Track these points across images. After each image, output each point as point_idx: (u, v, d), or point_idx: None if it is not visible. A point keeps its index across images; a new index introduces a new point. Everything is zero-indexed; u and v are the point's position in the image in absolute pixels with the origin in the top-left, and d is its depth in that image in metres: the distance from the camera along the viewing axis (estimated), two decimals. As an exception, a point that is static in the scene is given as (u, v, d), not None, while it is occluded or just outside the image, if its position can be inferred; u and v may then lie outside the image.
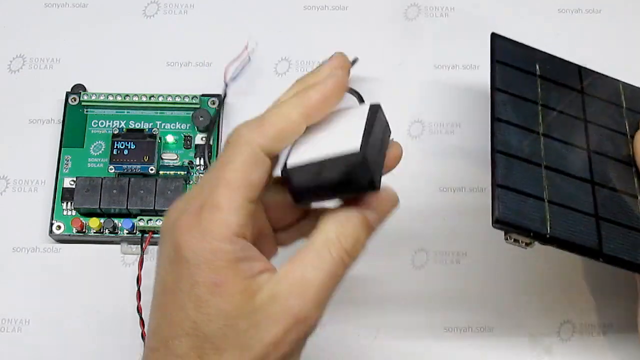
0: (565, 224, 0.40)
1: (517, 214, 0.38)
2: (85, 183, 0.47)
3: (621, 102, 0.47)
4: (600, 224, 0.40)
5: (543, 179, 0.41)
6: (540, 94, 0.45)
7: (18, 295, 0.48)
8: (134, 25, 0.54)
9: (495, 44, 0.46)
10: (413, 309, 0.47)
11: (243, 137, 0.34)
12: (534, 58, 0.47)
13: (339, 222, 0.33)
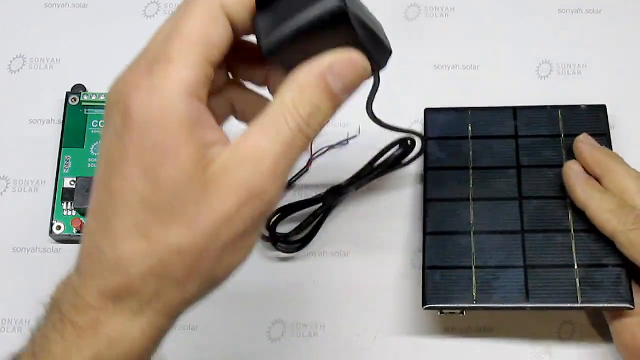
0: (491, 285, 0.43)
1: (444, 293, 0.42)
2: (85, 183, 0.47)
3: (559, 131, 0.48)
4: (528, 274, 0.43)
5: (472, 246, 0.44)
6: (472, 156, 0.47)
7: (18, 295, 0.48)
8: (134, 25, 0.54)
9: (427, 119, 0.49)
10: (413, 309, 0.47)
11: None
12: (466, 119, 0.49)
13: (297, 88, 0.30)
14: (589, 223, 0.43)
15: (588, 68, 0.54)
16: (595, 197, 0.43)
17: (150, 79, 0.29)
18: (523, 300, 0.42)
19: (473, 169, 0.47)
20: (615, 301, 0.41)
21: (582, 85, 0.53)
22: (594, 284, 0.42)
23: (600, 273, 0.42)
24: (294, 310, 0.47)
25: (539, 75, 0.54)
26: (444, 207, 0.45)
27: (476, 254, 0.43)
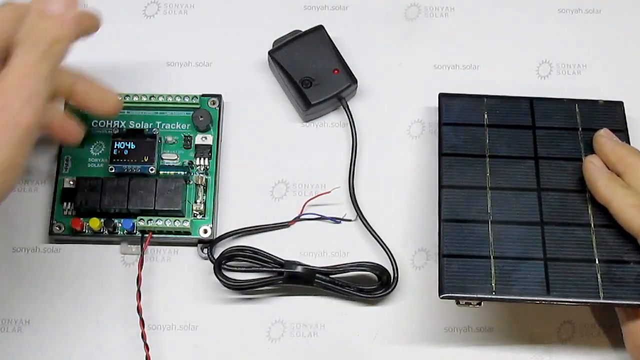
0: (510, 276, 0.41)
1: (462, 282, 0.41)
2: (85, 183, 0.47)
3: (577, 125, 0.48)
4: (548, 267, 0.42)
5: (489, 236, 0.42)
6: (488, 144, 0.46)
7: (18, 295, 0.48)
8: (134, 25, 0.54)
9: (442, 104, 0.48)
10: (413, 309, 0.47)
11: None
12: (482, 107, 0.48)
13: (38, 42, 0.34)
14: (610, 218, 0.42)
15: (588, 68, 0.54)
16: (619, 193, 0.42)
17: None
18: (544, 293, 0.41)
19: (490, 157, 0.46)
20: (638, 299, 0.40)
21: (582, 85, 0.53)
22: (616, 281, 0.41)
23: (622, 270, 0.41)
24: (294, 310, 0.47)
25: (539, 75, 0.54)
26: (460, 194, 0.44)
27: (494, 244, 0.42)
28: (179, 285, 0.48)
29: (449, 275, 0.41)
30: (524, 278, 0.41)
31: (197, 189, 0.49)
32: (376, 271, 0.47)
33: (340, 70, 0.51)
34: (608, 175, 0.43)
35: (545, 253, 0.42)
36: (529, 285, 0.41)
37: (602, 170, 0.44)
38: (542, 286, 0.41)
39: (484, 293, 0.41)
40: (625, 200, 0.42)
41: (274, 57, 0.52)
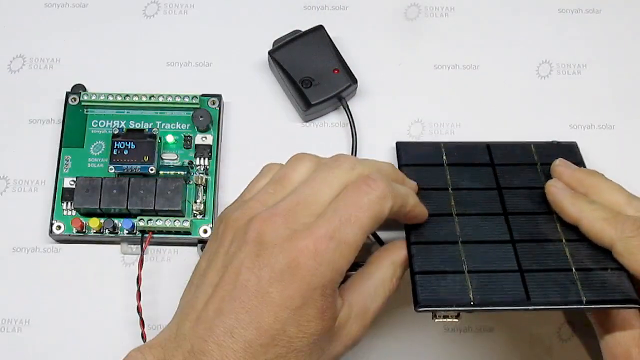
0: (488, 287, 0.41)
1: (438, 294, 0.40)
2: (85, 183, 0.47)
3: (535, 161, 0.48)
4: (525, 277, 0.41)
5: (461, 253, 0.42)
6: (450, 179, 0.46)
7: (18, 295, 0.48)
8: (134, 25, 0.54)
9: (400, 151, 0.48)
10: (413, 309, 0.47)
11: (384, 188, 0.37)
12: (440, 150, 0.48)
13: (395, 264, 0.40)
14: (580, 234, 0.42)
15: (588, 68, 0.54)
16: (587, 209, 0.42)
17: (327, 252, 0.35)
18: (524, 301, 0.40)
19: (453, 190, 0.46)
20: (622, 301, 0.40)
21: (582, 85, 0.53)
22: (597, 285, 0.41)
23: (601, 276, 0.41)
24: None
25: (539, 75, 0.54)
26: (427, 222, 0.44)
27: (467, 261, 0.42)
28: (179, 285, 0.48)
29: (423, 288, 0.40)
30: (502, 288, 0.41)
31: (197, 189, 0.49)
32: None
33: (340, 70, 0.51)
34: (572, 194, 0.43)
35: (520, 266, 0.42)
36: (508, 293, 0.40)
37: (566, 190, 0.44)
38: (522, 294, 0.40)
39: (462, 303, 0.40)
40: (593, 215, 0.41)
41: (274, 57, 0.52)
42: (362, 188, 0.37)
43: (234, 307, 0.34)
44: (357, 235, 0.36)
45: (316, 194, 0.37)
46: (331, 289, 0.35)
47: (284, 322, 0.34)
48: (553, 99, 0.53)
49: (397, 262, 0.40)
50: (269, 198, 0.38)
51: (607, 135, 0.52)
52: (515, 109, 0.53)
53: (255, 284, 0.34)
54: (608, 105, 0.53)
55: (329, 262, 0.35)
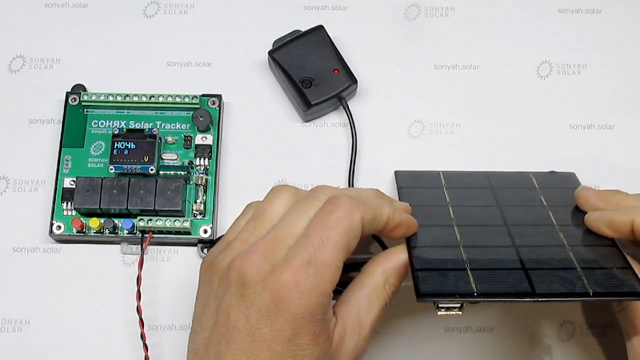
0: (492, 279, 0.40)
1: (440, 285, 0.39)
2: (85, 183, 0.47)
3: (534, 185, 0.48)
4: (529, 273, 0.41)
5: (462, 255, 0.41)
6: (449, 197, 0.46)
7: (18, 295, 0.48)
8: (134, 25, 0.54)
9: (398, 178, 0.48)
10: (413, 309, 0.47)
11: (349, 205, 0.37)
12: (438, 177, 0.48)
13: (386, 271, 0.39)
14: (586, 242, 0.42)
15: (588, 68, 0.54)
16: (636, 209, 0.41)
17: (307, 279, 0.35)
18: (529, 293, 0.39)
19: (452, 206, 0.45)
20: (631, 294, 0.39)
21: (582, 85, 0.53)
22: (603, 280, 0.40)
23: (607, 272, 0.40)
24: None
25: (539, 75, 0.54)
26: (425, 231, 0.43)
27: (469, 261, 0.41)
28: (179, 285, 0.48)
29: (425, 281, 0.40)
30: (506, 281, 0.40)
31: (197, 189, 0.49)
32: None
33: (340, 70, 0.51)
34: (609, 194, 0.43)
35: (524, 265, 0.41)
36: (512, 286, 0.40)
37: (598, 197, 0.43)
38: (526, 287, 0.40)
39: (465, 294, 0.39)
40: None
41: (274, 57, 0.52)
42: (326, 209, 0.37)
43: (230, 349, 0.35)
44: (334, 255, 0.36)
45: (292, 227, 0.37)
46: (321, 313, 0.35)
47: (280, 355, 0.34)
48: (553, 99, 0.53)
49: (389, 269, 0.39)
50: (249, 236, 0.38)
51: (607, 135, 0.52)
52: (515, 109, 0.53)
53: (245, 324, 0.35)
54: (608, 105, 0.53)
55: (311, 289, 0.35)
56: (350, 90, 0.51)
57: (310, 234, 0.36)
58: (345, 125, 0.52)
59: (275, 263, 0.35)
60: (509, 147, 0.52)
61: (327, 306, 0.36)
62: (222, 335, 0.35)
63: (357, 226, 0.37)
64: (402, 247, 0.40)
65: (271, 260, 0.36)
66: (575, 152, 0.51)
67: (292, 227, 0.37)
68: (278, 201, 0.39)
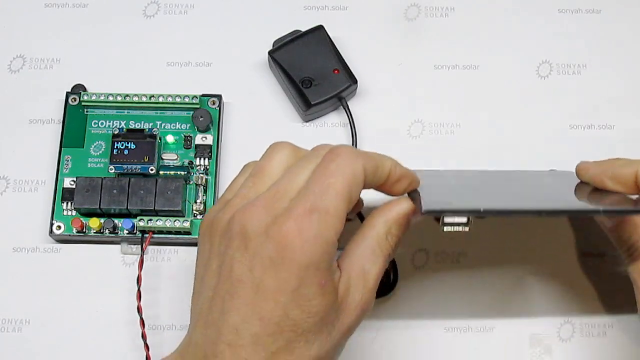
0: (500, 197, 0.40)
1: (445, 200, 0.38)
2: (85, 183, 0.47)
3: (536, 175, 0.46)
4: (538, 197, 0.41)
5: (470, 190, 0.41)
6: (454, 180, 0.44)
7: (18, 295, 0.48)
8: (134, 25, 0.54)
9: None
10: (413, 309, 0.47)
11: (350, 153, 0.36)
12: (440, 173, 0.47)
13: (388, 222, 0.38)
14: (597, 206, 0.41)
15: (588, 68, 0.54)
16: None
17: (311, 227, 0.34)
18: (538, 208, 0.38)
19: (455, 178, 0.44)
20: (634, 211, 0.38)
21: (582, 85, 0.53)
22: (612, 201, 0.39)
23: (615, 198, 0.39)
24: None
25: (539, 75, 0.54)
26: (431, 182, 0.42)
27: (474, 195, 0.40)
28: (179, 285, 0.48)
29: (429, 191, 0.39)
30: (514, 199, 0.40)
31: (197, 189, 0.49)
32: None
33: (340, 70, 0.51)
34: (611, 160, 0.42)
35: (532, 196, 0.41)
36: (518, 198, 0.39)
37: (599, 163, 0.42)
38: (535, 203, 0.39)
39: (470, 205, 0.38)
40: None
41: (274, 57, 0.52)
42: (327, 158, 0.36)
43: (234, 304, 0.34)
44: (336, 202, 0.35)
45: (293, 181, 0.36)
46: (325, 262, 0.35)
47: (285, 307, 0.34)
48: (553, 99, 0.53)
49: (390, 219, 0.38)
50: (248, 192, 0.38)
51: (607, 135, 0.52)
52: (515, 109, 0.53)
53: (249, 276, 0.34)
54: (608, 105, 0.53)
55: (315, 237, 0.34)
56: (350, 90, 0.51)
57: (312, 183, 0.36)
58: (345, 125, 0.52)
59: (277, 214, 0.35)
60: (509, 147, 0.52)
61: (332, 256, 0.35)
62: (225, 291, 0.35)
63: (359, 174, 0.36)
64: (403, 198, 0.39)
65: (273, 212, 0.35)
66: (576, 152, 0.51)
67: (293, 182, 0.36)
68: (277, 157, 0.38)
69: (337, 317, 0.36)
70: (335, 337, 0.36)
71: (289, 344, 0.34)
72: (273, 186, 0.37)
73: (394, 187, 0.39)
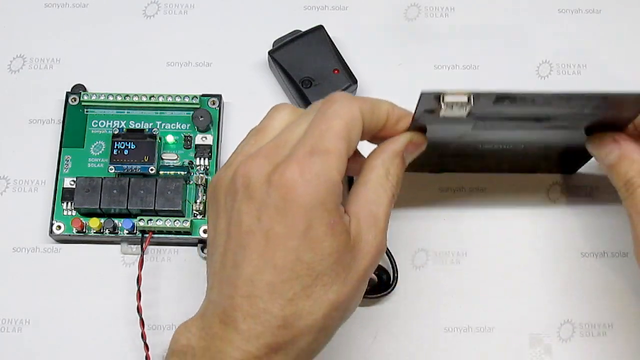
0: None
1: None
2: (85, 183, 0.47)
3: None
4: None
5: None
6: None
7: (18, 295, 0.48)
8: (134, 25, 0.54)
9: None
10: (413, 309, 0.47)
11: (346, 97, 0.36)
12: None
13: (385, 162, 0.38)
14: None
15: (588, 68, 0.54)
16: None
17: (312, 167, 0.34)
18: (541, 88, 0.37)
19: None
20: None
21: (582, 85, 0.53)
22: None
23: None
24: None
25: (539, 75, 0.54)
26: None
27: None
28: (179, 285, 0.48)
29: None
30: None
31: (197, 189, 0.49)
32: (376, 271, 0.47)
33: (340, 70, 0.51)
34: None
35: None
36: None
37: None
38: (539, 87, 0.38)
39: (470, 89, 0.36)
40: None
41: (274, 57, 0.52)
42: (324, 105, 0.37)
43: (246, 256, 0.34)
44: (336, 142, 0.35)
45: (293, 132, 0.37)
46: (332, 202, 0.34)
47: (297, 251, 0.34)
48: (553, 99, 0.53)
49: (387, 159, 0.38)
50: (250, 149, 0.38)
51: (607, 135, 0.52)
52: (515, 109, 0.53)
53: (257, 226, 0.34)
54: (608, 105, 0.53)
55: (318, 176, 0.34)
56: (350, 90, 0.51)
57: (310, 129, 0.36)
58: (345, 125, 0.52)
59: (278, 162, 0.35)
60: (509, 147, 0.52)
61: (338, 196, 0.35)
62: (236, 245, 0.35)
63: (357, 116, 0.36)
64: (396, 137, 0.39)
65: (274, 160, 0.35)
66: (575, 152, 0.51)
67: (293, 132, 0.37)
68: (278, 116, 0.39)
69: (352, 260, 0.36)
70: (352, 280, 0.35)
71: (305, 289, 0.34)
72: (274, 138, 0.37)
73: (394, 130, 0.39)
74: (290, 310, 0.34)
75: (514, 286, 0.48)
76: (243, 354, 0.34)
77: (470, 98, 0.36)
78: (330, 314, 0.35)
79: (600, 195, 0.50)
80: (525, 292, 0.48)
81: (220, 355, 0.34)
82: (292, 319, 0.34)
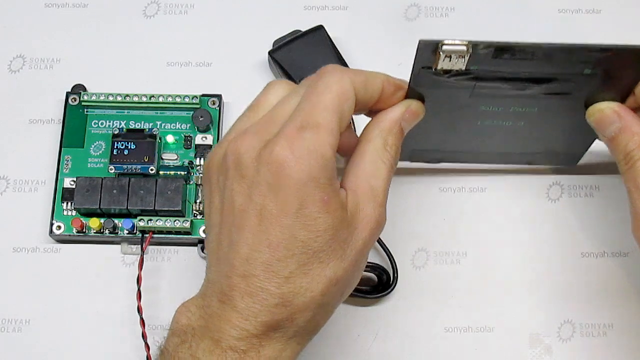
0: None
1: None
2: (85, 183, 0.47)
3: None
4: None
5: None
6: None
7: (18, 295, 0.48)
8: (134, 25, 0.54)
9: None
10: (413, 309, 0.48)
11: (338, 70, 0.36)
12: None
13: (382, 132, 0.37)
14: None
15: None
16: None
17: (303, 142, 0.33)
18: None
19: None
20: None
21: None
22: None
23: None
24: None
25: (539, 75, 0.54)
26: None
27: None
28: (179, 285, 0.48)
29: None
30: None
31: (197, 189, 0.49)
32: (376, 271, 0.47)
33: (340, 70, 0.51)
34: None
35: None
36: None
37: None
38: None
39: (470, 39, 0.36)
40: None
41: (274, 57, 0.52)
42: (315, 78, 0.36)
43: (241, 235, 0.34)
44: (326, 115, 0.34)
45: (285, 108, 0.36)
46: (325, 177, 0.34)
47: (291, 229, 0.33)
48: (553, 99, 0.53)
49: (385, 130, 0.37)
50: (242, 125, 0.37)
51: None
52: (515, 109, 0.53)
53: (250, 205, 0.34)
54: (608, 105, 0.53)
55: (309, 152, 0.33)
56: (350, 90, 0.51)
57: (301, 103, 0.35)
58: (345, 125, 0.52)
59: (268, 139, 0.34)
60: (509, 147, 0.52)
61: (331, 171, 0.34)
62: (230, 224, 0.35)
63: (348, 88, 0.35)
64: (392, 108, 0.38)
65: (264, 137, 0.35)
66: (575, 152, 0.51)
67: (284, 108, 0.36)
68: (272, 91, 0.38)
69: (350, 235, 0.35)
70: (350, 256, 0.35)
71: (302, 266, 0.34)
72: (265, 115, 0.36)
73: (391, 101, 0.38)
74: (288, 288, 0.34)
75: (514, 286, 0.48)
76: (241, 333, 0.34)
77: (469, 47, 0.36)
78: (328, 291, 0.35)
79: (600, 195, 0.50)
80: (525, 292, 0.48)
81: (219, 334, 0.34)
82: (290, 297, 0.34)
